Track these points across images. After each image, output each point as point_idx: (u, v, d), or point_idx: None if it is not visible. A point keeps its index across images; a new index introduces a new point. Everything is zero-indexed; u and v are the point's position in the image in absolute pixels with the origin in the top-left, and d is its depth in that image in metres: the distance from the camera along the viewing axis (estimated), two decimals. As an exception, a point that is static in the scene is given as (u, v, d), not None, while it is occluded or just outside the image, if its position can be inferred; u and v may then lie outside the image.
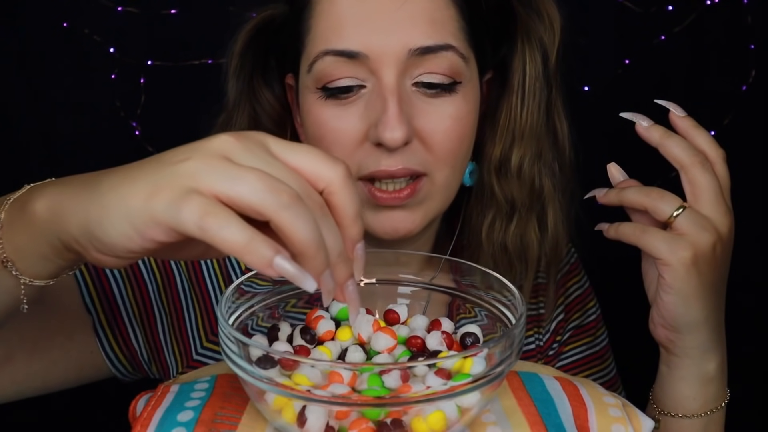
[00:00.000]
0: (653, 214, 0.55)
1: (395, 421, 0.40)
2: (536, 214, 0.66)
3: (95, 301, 0.65)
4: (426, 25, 0.57)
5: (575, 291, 0.75)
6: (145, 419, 0.44)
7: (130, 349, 0.67)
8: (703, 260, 0.53)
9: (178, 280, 0.67)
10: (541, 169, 0.65)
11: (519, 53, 0.64)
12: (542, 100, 0.64)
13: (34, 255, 0.42)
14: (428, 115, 0.58)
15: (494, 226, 0.66)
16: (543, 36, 0.63)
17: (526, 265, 0.66)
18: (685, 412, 0.59)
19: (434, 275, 0.54)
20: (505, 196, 0.65)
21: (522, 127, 0.64)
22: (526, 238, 0.66)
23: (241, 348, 0.42)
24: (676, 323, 0.55)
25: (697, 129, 0.57)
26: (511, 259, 0.66)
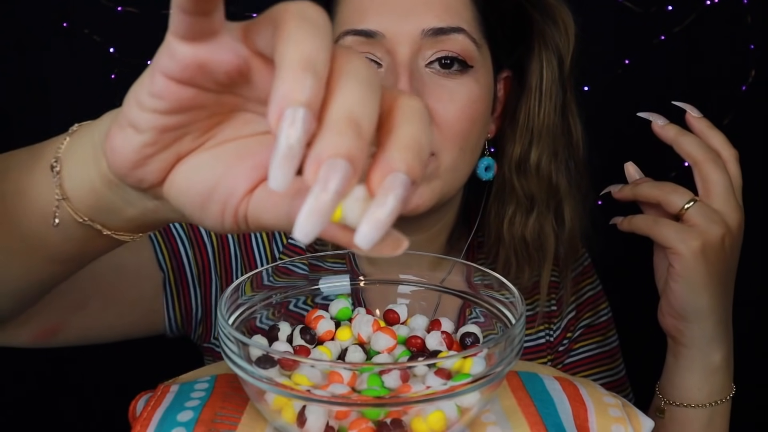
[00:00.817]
0: (665, 206, 0.58)
1: (395, 421, 0.40)
2: (553, 209, 0.69)
3: (166, 259, 0.68)
4: (440, 9, 0.60)
5: (588, 292, 0.76)
6: (145, 419, 0.44)
7: (188, 308, 0.70)
8: (711, 251, 0.56)
9: (231, 246, 0.70)
10: (557, 166, 0.68)
11: (536, 57, 0.67)
12: (558, 101, 0.67)
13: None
14: (439, 95, 0.60)
15: (514, 220, 0.69)
16: (558, 42, 0.67)
17: (545, 256, 0.69)
18: (690, 402, 0.60)
19: (444, 277, 0.54)
20: (524, 192, 0.68)
21: (540, 126, 0.67)
22: (545, 231, 0.69)
23: (241, 348, 0.42)
24: (684, 311, 0.58)
25: (712, 129, 0.60)
26: (529, 250, 0.69)
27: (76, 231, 0.39)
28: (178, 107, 0.30)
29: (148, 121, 0.30)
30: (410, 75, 0.59)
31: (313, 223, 0.25)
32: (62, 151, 0.38)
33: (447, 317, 0.52)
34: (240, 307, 0.48)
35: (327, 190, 0.25)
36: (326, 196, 0.25)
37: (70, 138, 0.38)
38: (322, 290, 0.54)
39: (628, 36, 1.14)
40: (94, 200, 0.37)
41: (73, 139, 0.38)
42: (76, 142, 0.38)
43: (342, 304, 0.51)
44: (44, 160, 0.39)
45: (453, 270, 0.54)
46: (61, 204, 0.37)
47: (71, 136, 0.38)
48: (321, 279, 0.54)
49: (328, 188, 0.25)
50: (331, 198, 0.25)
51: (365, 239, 0.26)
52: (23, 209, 0.40)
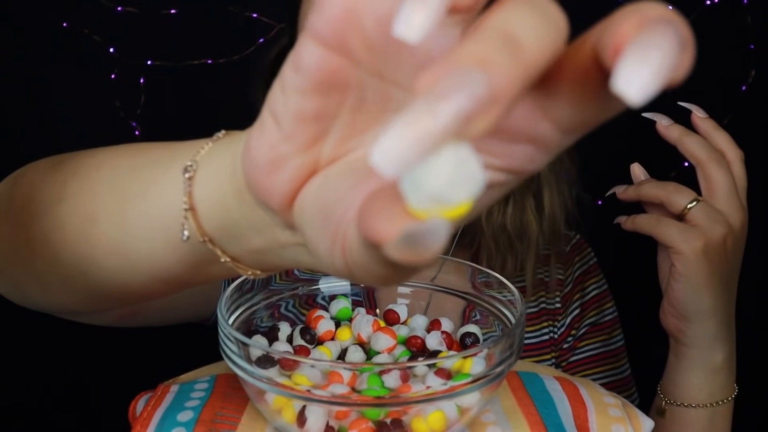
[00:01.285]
0: (668, 206, 0.58)
1: (395, 421, 0.40)
2: (532, 195, 0.68)
3: None
4: None
5: (593, 291, 0.76)
6: (145, 419, 0.44)
7: None
8: (714, 251, 0.56)
9: None
10: None
11: None
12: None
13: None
14: None
15: (492, 210, 0.68)
16: None
17: (528, 244, 0.69)
18: (691, 402, 0.60)
19: (434, 275, 0.54)
20: None
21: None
22: (525, 219, 0.68)
23: (241, 348, 0.42)
24: (686, 311, 0.58)
25: (717, 130, 0.60)
26: (511, 239, 0.68)
27: (192, 251, 0.33)
28: (321, 81, 0.24)
29: (288, 104, 0.25)
30: None
31: (399, 152, 0.17)
32: (201, 155, 0.33)
33: (447, 317, 0.52)
34: (240, 307, 0.48)
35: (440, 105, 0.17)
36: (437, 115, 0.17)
37: (212, 143, 0.33)
38: (322, 290, 0.54)
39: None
40: (221, 217, 0.31)
41: (215, 145, 0.33)
42: (217, 148, 0.33)
43: (342, 304, 0.51)
44: (179, 162, 0.33)
45: (453, 270, 0.54)
46: (186, 215, 0.32)
47: (214, 142, 0.33)
48: (321, 279, 0.54)
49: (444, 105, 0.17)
50: (439, 122, 0.17)
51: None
52: (140, 216, 0.35)
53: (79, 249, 0.37)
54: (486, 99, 0.17)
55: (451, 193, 0.17)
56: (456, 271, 0.53)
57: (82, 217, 0.37)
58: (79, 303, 0.43)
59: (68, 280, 0.40)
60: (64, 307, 0.45)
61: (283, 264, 0.32)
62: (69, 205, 0.38)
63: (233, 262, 0.33)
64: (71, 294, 0.41)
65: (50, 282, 0.41)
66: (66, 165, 0.40)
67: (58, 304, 0.44)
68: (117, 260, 0.36)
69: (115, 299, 0.41)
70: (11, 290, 0.46)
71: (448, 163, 0.17)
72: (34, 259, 0.41)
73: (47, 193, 0.40)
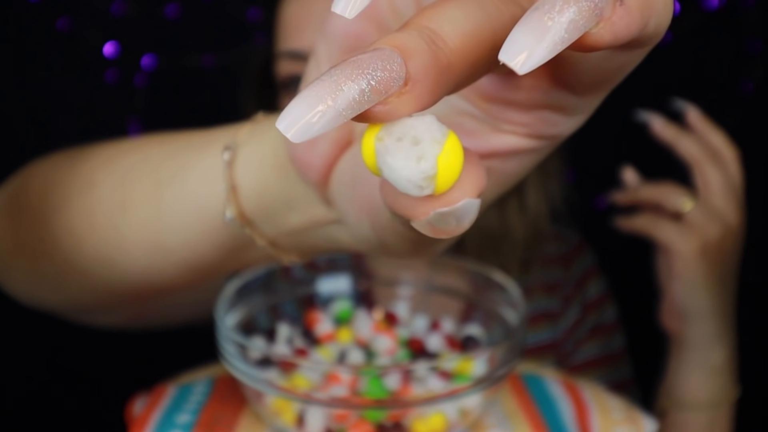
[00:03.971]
0: (665, 207, 0.58)
1: (396, 424, 0.40)
2: (516, 196, 0.67)
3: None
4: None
5: (594, 292, 0.75)
6: (142, 421, 0.43)
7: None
8: (711, 251, 0.56)
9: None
10: None
11: None
12: None
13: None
14: None
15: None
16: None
17: (511, 246, 0.67)
18: (691, 403, 0.60)
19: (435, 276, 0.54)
20: None
21: None
22: (508, 219, 0.67)
23: (240, 350, 0.41)
24: (684, 312, 0.58)
25: (712, 129, 0.59)
26: (496, 242, 0.67)
27: (228, 236, 0.33)
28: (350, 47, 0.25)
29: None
30: None
31: (301, 120, 0.17)
32: (241, 136, 0.32)
33: (448, 318, 0.52)
34: (238, 308, 0.48)
35: (346, 83, 0.17)
36: (341, 93, 0.17)
37: (251, 125, 0.33)
38: (322, 291, 0.54)
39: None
40: (262, 195, 0.31)
41: (254, 127, 0.33)
42: (257, 129, 0.33)
43: (342, 305, 0.51)
44: (217, 144, 0.33)
45: (454, 271, 0.54)
46: (228, 196, 0.32)
47: (253, 124, 0.33)
48: (321, 279, 0.54)
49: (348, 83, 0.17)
50: (343, 98, 0.17)
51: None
52: (176, 200, 0.34)
53: (107, 239, 0.37)
54: (398, 79, 0.17)
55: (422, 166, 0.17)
56: (457, 271, 0.53)
57: (113, 205, 0.36)
58: (95, 300, 0.42)
59: (88, 275, 0.39)
60: (76, 305, 0.44)
61: (319, 244, 0.32)
62: (98, 193, 0.37)
63: (270, 245, 0.32)
64: (89, 290, 0.40)
65: (67, 278, 0.40)
66: (90, 155, 0.39)
67: (70, 301, 0.43)
68: (148, 249, 0.35)
69: (135, 294, 0.40)
70: (20, 289, 0.45)
71: (402, 146, 0.17)
72: (49, 254, 0.40)
73: (71, 184, 0.39)
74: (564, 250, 0.75)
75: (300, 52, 0.59)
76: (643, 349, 0.88)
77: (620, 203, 0.62)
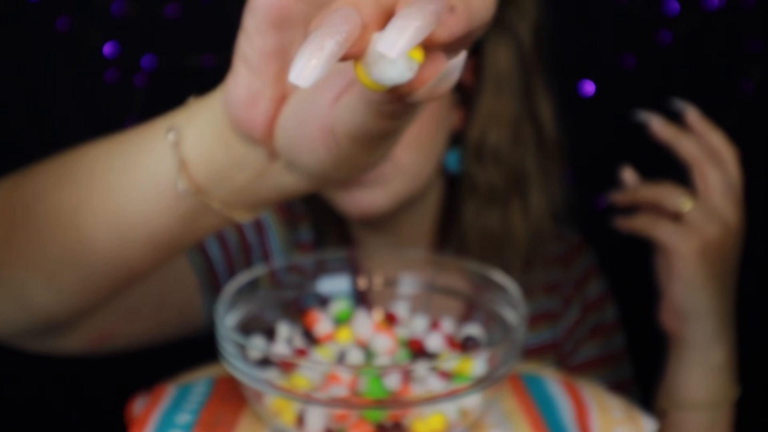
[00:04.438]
0: (664, 207, 0.57)
1: (395, 424, 0.40)
2: (519, 197, 0.67)
3: (198, 262, 0.66)
4: None
5: (594, 292, 0.75)
6: (143, 421, 0.43)
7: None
8: (710, 251, 0.56)
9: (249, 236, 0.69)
10: (522, 153, 0.66)
11: (491, 41, 0.64)
12: (519, 86, 0.65)
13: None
14: None
15: (478, 213, 0.67)
16: (515, 23, 0.64)
17: (514, 248, 0.67)
18: (691, 403, 0.60)
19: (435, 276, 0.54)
20: (484, 181, 0.66)
21: (498, 113, 0.65)
22: (511, 221, 0.67)
23: (240, 350, 0.42)
24: (684, 312, 0.58)
25: (711, 129, 0.59)
26: (498, 244, 0.67)
27: (186, 207, 0.38)
28: (273, 19, 0.31)
29: (252, 46, 0.31)
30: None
31: (307, 70, 0.23)
32: (179, 119, 0.38)
33: (448, 318, 0.52)
34: (238, 308, 0.48)
35: (326, 39, 0.23)
36: (324, 45, 0.23)
37: (186, 108, 0.39)
38: (321, 291, 0.54)
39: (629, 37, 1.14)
40: (208, 162, 0.36)
41: (189, 108, 0.38)
42: (193, 109, 0.38)
43: (342, 305, 0.51)
44: (160, 130, 0.38)
45: (454, 271, 0.54)
46: (180, 170, 0.37)
47: (187, 107, 0.39)
48: (321, 279, 0.54)
49: (327, 38, 0.23)
50: (331, 42, 0.23)
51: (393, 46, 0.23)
52: (132, 185, 0.39)
53: (71, 236, 0.40)
54: (359, 26, 0.23)
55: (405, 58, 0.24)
56: (457, 271, 0.53)
57: (73, 203, 0.40)
58: (67, 301, 0.43)
59: (56, 275, 0.42)
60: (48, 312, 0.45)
61: (269, 195, 0.37)
62: (58, 195, 0.41)
63: (224, 206, 0.37)
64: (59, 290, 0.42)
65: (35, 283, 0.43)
66: (54, 161, 0.44)
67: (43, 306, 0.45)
68: (112, 235, 0.40)
69: (108, 285, 0.43)
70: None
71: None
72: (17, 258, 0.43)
73: (37, 189, 0.43)
74: (564, 250, 0.75)
75: None
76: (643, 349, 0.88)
77: (620, 203, 0.62)
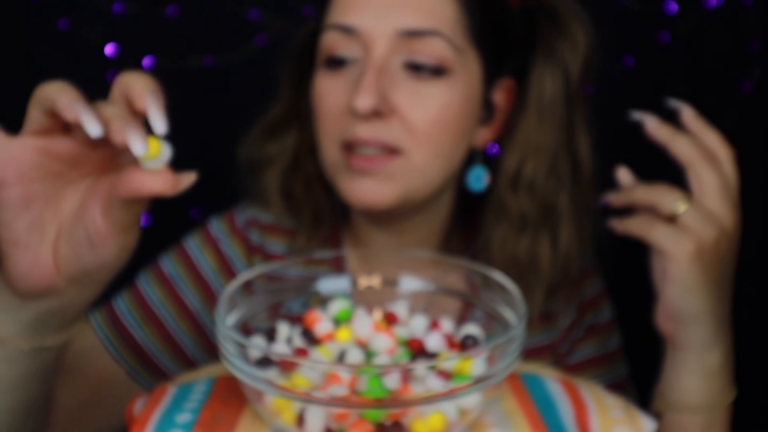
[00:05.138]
0: (659, 208, 0.57)
1: (395, 423, 0.40)
2: (549, 229, 0.67)
3: (123, 353, 0.68)
4: (417, 9, 0.60)
5: (589, 292, 0.75)
6: (143, 420, 0.44)
7: (168, 378, 0.69)
8: (706, 253, 0.55)
9: (188, 300, 0.70)
10: (557, 185, 0.66)
11: (538, 69, 0.65)
12: (561, 118, 0.65)
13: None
14: (410, 96, 0.60)
15: (506, 238, 0.67)
16: (565, 55, 0.65)
17: (537, 278, 0.67)
18: (688, 406, 0.60)
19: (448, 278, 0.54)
20: (517, 209, 0.66)
21: (537, 143, 0.65)
22: (537, 252, 0.67)
23: (240, 349, 0.42)
24: (680, 315, 0.57)
25: (707, 129, 0.58)
26: (522, 271, 0.67)
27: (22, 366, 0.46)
28: (21, 204, 0.41)
29: (10, 231, 0.41)
30: (377, 73, 0.59)
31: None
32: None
33: (447, 318, 0.52)
34: (238, 308, 0.48)
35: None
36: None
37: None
38: (321, 291, 0.54)
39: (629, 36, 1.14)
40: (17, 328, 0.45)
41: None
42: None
43: (341, 305, 0.51)
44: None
45: (453, 271, 0.54)
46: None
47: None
48: (321, 279, 0.54)
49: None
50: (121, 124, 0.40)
51: (161, 125, 0.41)
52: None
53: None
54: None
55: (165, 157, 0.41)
56: (457, 271, 0.53)
57: None
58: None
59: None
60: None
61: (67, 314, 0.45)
62: None
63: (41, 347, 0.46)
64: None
65: None
66: None
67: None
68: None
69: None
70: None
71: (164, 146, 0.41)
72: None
73: None
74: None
75: (349, 27, 0.61)
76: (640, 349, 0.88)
77: (615, 205, 0.61)
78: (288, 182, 0.71)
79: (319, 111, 0.64)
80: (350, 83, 0.61)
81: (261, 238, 0.72)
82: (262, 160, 0.72)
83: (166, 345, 0.69)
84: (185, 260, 0.71)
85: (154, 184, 0.40)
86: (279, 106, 0.72)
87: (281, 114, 0.72)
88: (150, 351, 0.69)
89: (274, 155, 0.71)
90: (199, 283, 0.70)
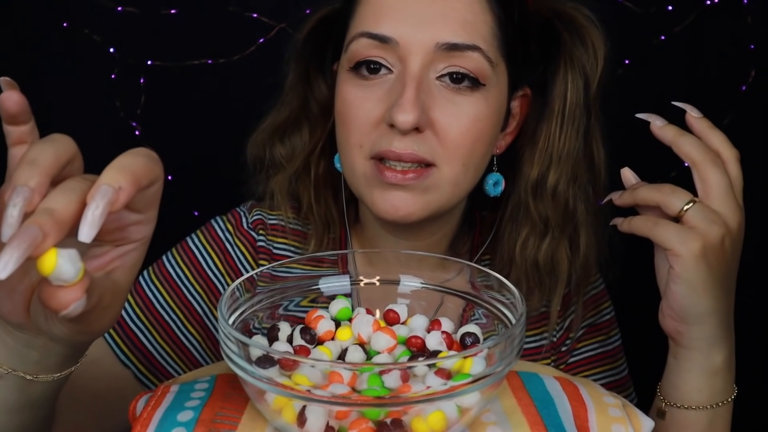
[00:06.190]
0: (665, 208, 0.57)
1: (395, 421, 0.40)
2: (568, 234, 0.68)
3: (129, 356, 0.68)
4: (457, 23, 0.60)
5: (590, 291, 0.76)
6: (145, 419, 0.44)
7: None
8: (711, 252, 0.55)
9: (194, 302, 0.70)
10: (576, 192, 0.67)
11: (561, 78, 0.66)
12: (581, 126, 0.66)
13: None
14: (446, 109, 0.60)
15: (527, 243, 0.68)
16: (586, 64, 0.66)
17: (556, 282, 0.68)
18: (691, 404, 0.60)
19: (448, 278, 0.54)
20: (539, 215, 0.67)
21: (560, 150, 0.66)
22: (558, 256, 0.68)
23: (241, 348, 0.42)
24: (684, 314, 0.57)
25: (712, 129, 0.59)
26: (541, 275, 0.68)
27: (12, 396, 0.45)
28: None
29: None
30: (418, 86, 0.59)
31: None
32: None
33: (447, 317, 0.52)
34: (240, 307, 0.48)
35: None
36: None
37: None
38: (322, 290, 0.54)
39: (628, 36, 1.14)
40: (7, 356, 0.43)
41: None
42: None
43: (342, 304, 0.51)
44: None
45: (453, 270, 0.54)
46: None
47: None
48: (321, 279, 0.54)
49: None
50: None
51: (86, 234, 0.34)
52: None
53: None
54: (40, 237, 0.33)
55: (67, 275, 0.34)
56: (457, 271, 0.53)
57: None
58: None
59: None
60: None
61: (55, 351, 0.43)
62: None
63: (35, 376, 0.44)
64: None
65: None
66: None
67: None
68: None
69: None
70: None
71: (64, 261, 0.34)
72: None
73: None
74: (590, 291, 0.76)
75: (386, 37, 0.60)
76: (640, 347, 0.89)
77: (620, 205, 0.61)
78: (296, 186, 0.71)
79: (348, 119, 0.63)
80: (385, 94, 0.61)
81: (267, 239, 0.72)
82: (271, 162, 0.72)
83: (173, 348, 0.69)
84: (190, 261, 0.71)
85: (60, 301, 0.34)
86: (286, 108, 0.72)
87: (290, 116, 0.71)
88: (158, 354, 0.69)
89: (283, 158, 0.71)
90: (205, 285, 0.70)
